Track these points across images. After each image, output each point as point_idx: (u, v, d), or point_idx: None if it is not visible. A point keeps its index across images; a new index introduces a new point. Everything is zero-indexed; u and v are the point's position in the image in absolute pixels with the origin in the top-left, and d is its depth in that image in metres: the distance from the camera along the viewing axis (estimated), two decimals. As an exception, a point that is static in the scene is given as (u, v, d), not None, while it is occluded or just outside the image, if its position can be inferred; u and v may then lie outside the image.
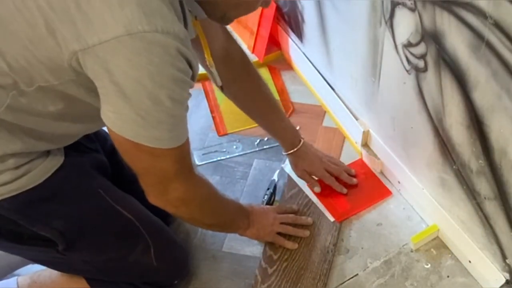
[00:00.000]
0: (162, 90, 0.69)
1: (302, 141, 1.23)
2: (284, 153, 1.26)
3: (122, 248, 1.01)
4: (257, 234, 1.13)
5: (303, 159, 1.24)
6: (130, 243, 1.01)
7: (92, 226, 0.96)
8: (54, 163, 0.89)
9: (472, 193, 0.97)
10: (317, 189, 1.26)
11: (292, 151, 1.23)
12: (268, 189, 1.29)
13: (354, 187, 1.29)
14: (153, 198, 0.87)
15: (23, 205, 0.87)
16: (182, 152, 0.81)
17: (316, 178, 1.27)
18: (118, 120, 0.72)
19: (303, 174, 1.27)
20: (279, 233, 1.17)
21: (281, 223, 1.17)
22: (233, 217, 1.08)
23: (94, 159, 1.01)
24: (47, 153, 0.89)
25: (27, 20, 0.68)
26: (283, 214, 1.19)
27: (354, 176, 1.30)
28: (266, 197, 1.27)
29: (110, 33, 0.65)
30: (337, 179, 1.27)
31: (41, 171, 0.87)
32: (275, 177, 1.32)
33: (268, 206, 1.23)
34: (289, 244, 1.17)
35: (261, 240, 1.17)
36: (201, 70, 0.90)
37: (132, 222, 1.00)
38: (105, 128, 0.80)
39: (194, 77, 0.76)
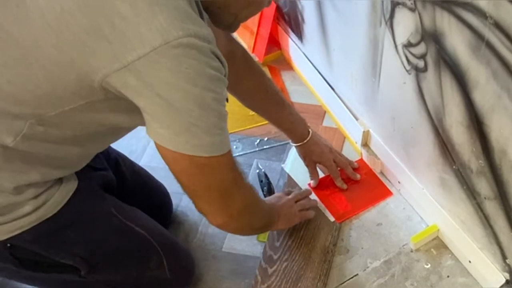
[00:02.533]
0: (205, 92, 0.68)
1: (311, 132, 1.23)
2: (293, 145, 1.26)
3: (139, 264, 1.01)
4: (287, 222, 1.13)
5: (313, 150, 1.24)
6: (145, 258, 1.01)
7: (110, 246, 0.96)
8: (69, 188, 0.88)
9: (472, 193, 0.97)
10: (314, 182, 1.28)
11: (302, 143, 1.23)
12: (261, 181, 1.30)
13: (355, 187, 1.29)
14: (218, 218, 0.84)
15: (44, 236, 0.86)
16: (232, 157, 0.80)
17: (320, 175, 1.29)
18: (171, 135, 0.70)
19: (310, 163, 1.27)
20: None
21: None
22: (272, 213, 1.07)
23: (102, 178, 1.00)
24: (61, 179, 0.88)
25: (56, 45, 0.66)
26: (291, 195, 1.20)
27: (357, 169, 1.32)
28: (265, 188, 1.28)
29: (147, 45, 0.63)
30: (340, 172, 1.29)
31: (57, 199, 0.86)
32: (258, 167, 1.34)
33: (275, 194, 1.23)
34: (312, 213, 1.18)
35: (291, 225, 1.17)
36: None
37: (145, 237, 1.00)
38: None
39: (226, 76, 0.75)
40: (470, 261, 1.10)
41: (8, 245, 0.84)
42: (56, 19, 0.65)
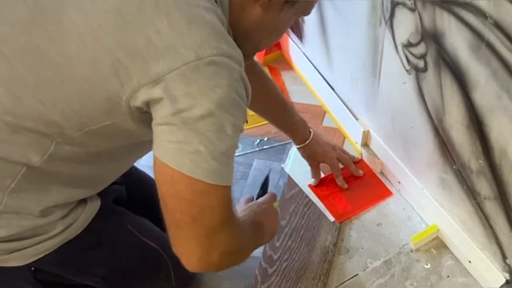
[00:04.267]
0: (227, 116, 0.66)
1: (312, 132, 1.23)
2: (296, 146, 1.25)
3: (151, 278, 1.01)
4: (272, 234, 1.00)
5: (316, 150, 1.24)
6: (156, 272, 1.01)
7: (128, 264, 0.96)
8: (93, 209, 0.87)
9: (472, 193, 0.97)
10: (315, 181, 1.29)
11: (304, 144, 1.23)
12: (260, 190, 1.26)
13: (355, 187, 1.29)
14: (193, 258, 0.72)
15: (66, 258, 0.86)
16: (230, 195, 0.72)
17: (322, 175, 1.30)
18: (177, 152, 0.65)
19: (313, 163, 1.28)
20: None
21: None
22: (260, 238, 0.96)
23: (115, 193, 0.99)
24: (85, 200, 0.87)
25: (90, 62, 0.65)
26: (259, 200, 1.06)
27: (358, 162, 1.33)
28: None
29: (180, 60, 0.63)
30: (343, 171, 1.29)
31: (82, 221, 0.85)
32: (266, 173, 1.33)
33: (259, 202, 1.06)
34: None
35: (275, 234, 1.04)
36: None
37: (158, 252, 0.99)
38: None
39: (247, 105, 0.73)
40: (470, 261, 1.10)
41: (32, 268, 0.84)
42: (93, 37, 0.64)
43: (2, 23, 0.68)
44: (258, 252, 1.19)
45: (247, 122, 0.76)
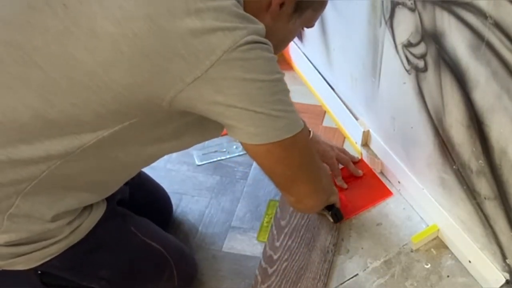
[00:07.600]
0: (274, 75, 0.72)
1: (311, 132, 1.24)
2: None
3: (154, 279, 1.02)
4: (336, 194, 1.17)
5: (316, 149, 1.24)
6: (160, 273, 1.02)
7: (132, 266, 0.96)
8: (99, 213, 0.88)
9: (472, 193, 0.97)
10: None
11: None
12: None
13: (354, 187, 1.29)
14: (314, 197, 0.91)
15: (71, 261, 0.86)
16: (306, 132, 0.84)
17: None
18: (258, 129, 0.72)
19: None
20: None
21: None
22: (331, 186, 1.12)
23: (120, 194, 0.99)
24: (91, 204, 0.88)
25: (128, 70, 0.66)
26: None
27: (358, 162, 1.33)
28: None
29: (219, 51, 0.65)
30: (342, 171, 1.30)
31: (87, 224, 0.86)
32: None
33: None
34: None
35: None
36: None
37: (161, 253, 1.00)
38: None
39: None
40: (470, 261, 1.10)
41: (39, 272, 0.84)
42: (128, 45, 0.65)
43: (33, 33, 0.67)
44: (258, 252, 1.19)
45: None
